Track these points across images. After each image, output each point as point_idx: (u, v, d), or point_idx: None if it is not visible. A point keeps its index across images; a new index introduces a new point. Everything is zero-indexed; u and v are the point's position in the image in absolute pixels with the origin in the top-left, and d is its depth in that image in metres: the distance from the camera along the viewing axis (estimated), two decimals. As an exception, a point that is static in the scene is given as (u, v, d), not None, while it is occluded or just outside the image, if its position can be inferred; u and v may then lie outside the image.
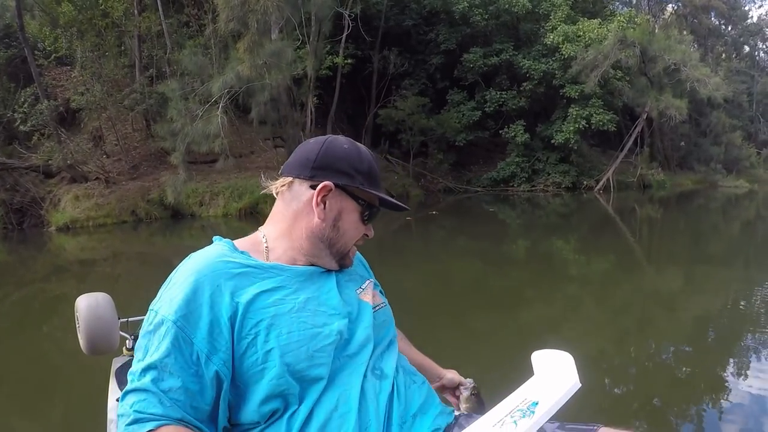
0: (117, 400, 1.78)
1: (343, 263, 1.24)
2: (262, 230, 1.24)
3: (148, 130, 20.13)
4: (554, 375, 1.29)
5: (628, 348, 4.71)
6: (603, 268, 9.12)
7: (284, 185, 1.21)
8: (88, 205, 16.19)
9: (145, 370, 1.01)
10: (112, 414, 1.75)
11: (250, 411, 1.05)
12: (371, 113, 26.52)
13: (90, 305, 1.97)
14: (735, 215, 18.60)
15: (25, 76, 18.05)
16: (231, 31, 17.06)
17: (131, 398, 1.00)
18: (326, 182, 1.16)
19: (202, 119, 16.30)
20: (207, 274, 1.07)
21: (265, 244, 1.21)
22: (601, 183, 25.75)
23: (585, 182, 26.00)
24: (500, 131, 26.31)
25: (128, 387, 1.02)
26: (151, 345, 1.02)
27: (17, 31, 17.60)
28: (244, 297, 1.06)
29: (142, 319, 2.26)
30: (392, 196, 1.33)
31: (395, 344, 1.25)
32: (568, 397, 1.19)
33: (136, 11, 20.29)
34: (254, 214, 16.87)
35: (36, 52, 18.96)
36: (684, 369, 4.14)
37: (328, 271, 1.22)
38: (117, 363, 2.04)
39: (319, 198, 1.16)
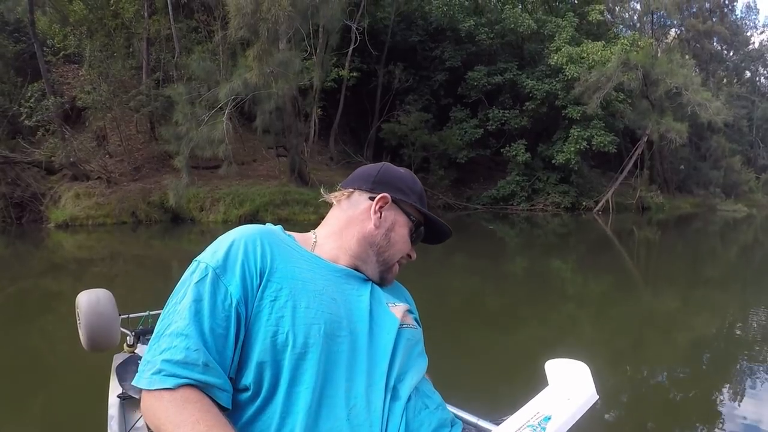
0: (118, 397, 1.82)
1: (385, 277, 1.30)
2: (314, 231, 1.34)
3: (152, 133, 20.17)
4: (569, 386, 1.23)
5: (623, 369, 4.70)
6: (600, 289, 9.11)
7: (345, 195, 1.31)
8: (89, 204, 16.21)
9: (180, 312, 1.04)
10: (112, 410, 1.79)
11: (247, 373, 1.05)
12: (374, 127, 26.65)
13: (91, 301, 1.99)
14: (733, 239, 18.60)
15: (33, 72, 18.12)
16: (240, 39, 17.14)
17: (162, 343, 1.02)
18: (385, 194, 1.27)
19: (207, 124, 16.36)
20: (251, 233, 1.16)
21: (314, 240, 1.29)
22: (600, 204, 25.84)
23: (584, 203, 26.09)
24: (501, 150, 26.46)
25: (160, 330, 1.04)
26: (188, 290, 1.06)
27: (27, 26, 17.73)
28: (277, 261, 1.13)
29: (143, 316, 2.30)
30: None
31: (419, 369, 1.22)
32: (584, 411, 1.13)
33: (146, 14, 20.41)
34: (254, 222, 16.81)
35: (45, 48, 19.04)
36: (679, 392, 4.13)
37: (367, 280, 1.26)
38: (117, 359, 2.07)
39: (378, 206, 1.27)
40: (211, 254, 1.11)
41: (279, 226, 1.29)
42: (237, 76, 16.60)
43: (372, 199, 1.27)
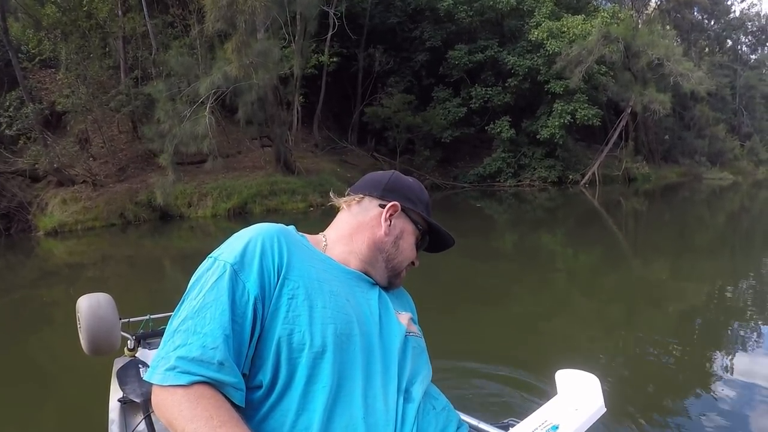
0: (118, 401, 1.82)
1: (393, 282, 1.34)
2: (324, 233, 1.36)
3: (134, 132, 19.98)
4: (578, 397, 1.26)
5: (615, 339, 4.77)
6: (590, 261, 9.20)
7: (355, 200, 1.34)
8: (76, 209, 16.07)
9: (196, 311, 1.04)
10: (113, 414, 1.79)
11: (262, 371, 1.06)
12: (357, 111, 26.58)
13: (91, 305, 1.98)
14: (720, 207, 18.76)
15: (9, 80, 17.83)
16: (217, 32, 16.99)
17: (176, 339, 1.01)
18: (395, 202, 1.31)
19: (189, 120, 16.25)
20: (268, 231, 1.16)
21: (325, 243, 1.32)
22: (586, 177, 25.98)
23: (571, 176, 26.23)
24: (486, 127, 26.46)
25: (175, 326, 1.04)
26: (206, 286, 1.06)
27: (0, 33, 17.42)
28: (295, 260, 1.14)
29: (144, 320, 2.31)
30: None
31: (427, 375, 1.26)
32: (592, 422, 1.16)
33: (120, 12, 20.12)
34: (243, 214, 16.87)
35: (20, 54, 18.73)
36: (670, 359, 4.18)
37: (374, 284, 1.30)
38: (118, 363, 2.06)
39: (388, 214, 1.30)
40: (228, 251, 1.11)
41: (292, 227, 1.29)
42: (217, 70, 16.46)
43: (382, 206, 1.31)
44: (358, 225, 1.31)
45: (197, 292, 1.07)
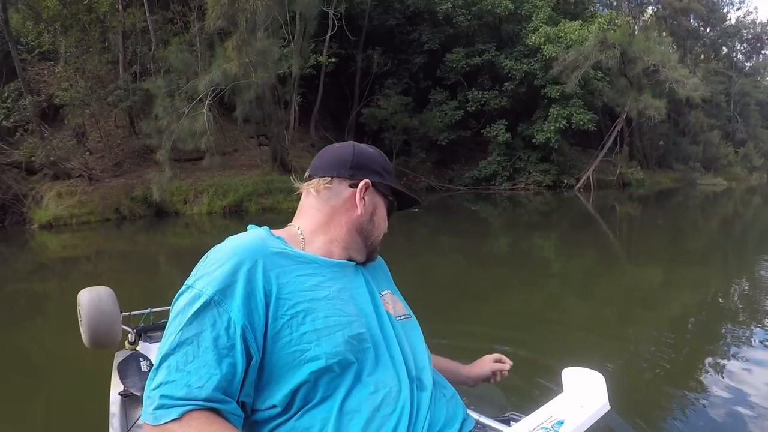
0: (119, 394, 1.85)
1: (371, 257, 1.33)
2: (295, 224, 1.30)
3: (131, 128, 19.95)
4: (583, 394, 1.29)
5: (609, 343, 4.81)
6: (583, 265, 9.21)
7: (323, 184, 1.27)
8: (71, 203, 16.03)
9: (177, 346, 1.00)
10: (114, 407, 1.82)
11: (275, 395, 1.05)
12: (354, 112, 26.61)
13: (92, 299, 2.01)
14: (713, 212, 18.83)
15: (8, 71, 17.74)
16: (217, 29, 17.01)
17: (159, 376, 0.99)
18: (366, 180, 1.27)
19: (187, 117, 16.25)
20: (246, 250, 1.09)
21: (302, 236, 1.25)
22: (581, 181, 26.08)
23: (565, 181, 26.32)
24: (482, 130, 26.54)
25: (158, 364, 1.01)
26: (184, 319, 1.02)
27: (1, 25, 17.37)
28: (282, 276, 1.09)
29: (144, 313, 2.35)
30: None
31: (429, 359, 1.26)
32: (596, 419, 1.19)
33: (120, 7, 20.11)
34: (239, 212, 16.88)
35: (19, 46, 18.67)
36: (662, 363, 4.21)
37: (356, 266, 1.28)
38: (119, 357, 2.07)
39: (362, 194, 1.26)
40: (206, 279, 1.05)
41: (265, 229, 1.24)
42: (216, 67, 16.47)
43: (353, 186, 1.27)
44: (332, 210, 1.27)
45: (176, 325, 1.02)
